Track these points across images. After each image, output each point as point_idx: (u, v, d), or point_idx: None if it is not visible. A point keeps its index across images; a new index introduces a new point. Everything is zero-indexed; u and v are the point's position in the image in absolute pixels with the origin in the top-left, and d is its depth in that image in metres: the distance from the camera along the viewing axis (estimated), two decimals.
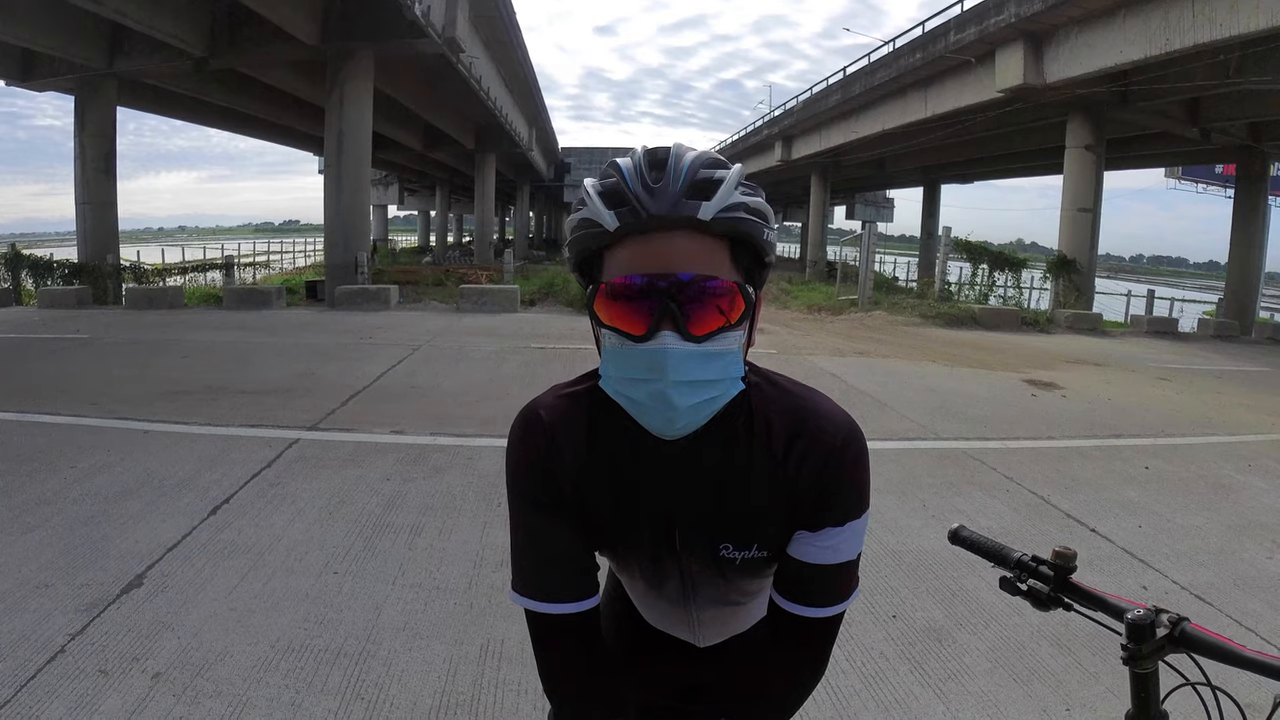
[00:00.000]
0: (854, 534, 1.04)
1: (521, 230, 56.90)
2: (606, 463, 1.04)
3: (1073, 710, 2.62)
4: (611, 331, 0.93)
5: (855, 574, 1.07)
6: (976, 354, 12.18)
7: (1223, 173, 31.79)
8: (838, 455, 1.01)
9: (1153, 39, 14.05)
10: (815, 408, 1.04)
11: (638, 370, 0.91)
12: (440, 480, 4.72)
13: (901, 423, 6.69)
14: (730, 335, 0.93)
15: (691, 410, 0.92)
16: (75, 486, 4.36)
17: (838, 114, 28.04)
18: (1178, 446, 6.47)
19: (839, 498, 1.02)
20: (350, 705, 2.48)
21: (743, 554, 1.06)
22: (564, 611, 1.05)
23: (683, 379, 0.90)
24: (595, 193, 0.92)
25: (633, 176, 0.90)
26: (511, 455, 1.07)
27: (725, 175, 0.90)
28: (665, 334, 0.89)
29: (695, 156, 0.92)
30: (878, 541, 4.03)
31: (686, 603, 1.20)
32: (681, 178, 0.89)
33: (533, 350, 9.94)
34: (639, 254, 0.90)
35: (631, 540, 1.09)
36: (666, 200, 0.88)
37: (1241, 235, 21.80)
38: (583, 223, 0.93)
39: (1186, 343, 16.83)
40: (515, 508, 1.07)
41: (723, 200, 0.89)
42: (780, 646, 1.08)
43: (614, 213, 0.89)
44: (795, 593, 1.05)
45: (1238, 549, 4.21)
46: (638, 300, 0.90)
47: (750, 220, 0.91)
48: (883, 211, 58.13)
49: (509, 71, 27.09)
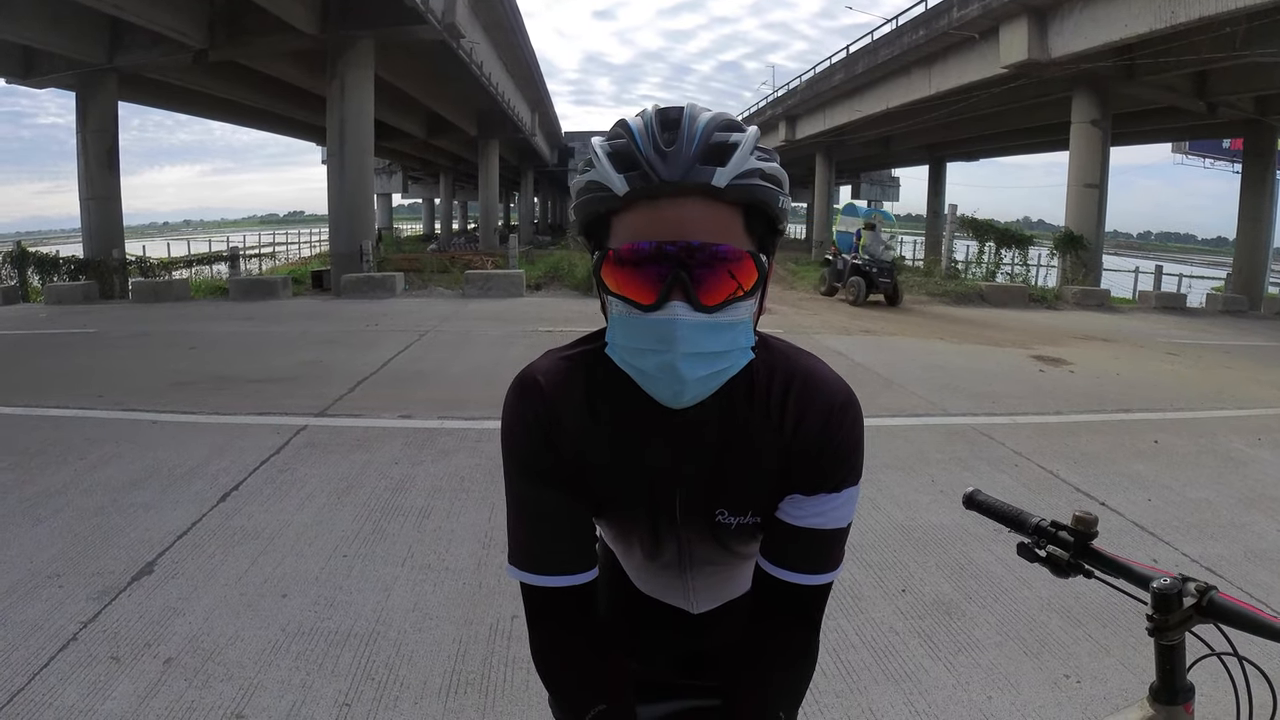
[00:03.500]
0: (847, 501, 1.01)
1: (526, 215, 56.82)
2: (607, 428, 1.01)
3: (1083, 682, 2.61)
4: (619, 300, 0.89)
5: (843, 545, 1.04)
6: (984, 331, 12.15)
7: (1230, 147, 31.47)
8: (836, 420, 0.98)
9: (1158, 12, 13.89)
10: (813, 372, 1.01)
11: (646, 340, 0.88)
12: (448, 463, 4.73)
13: (909, 399, 6.68)
14: (742, 305, 0.90)
15: (699, 382, 0.90)
16: (85, 477, 4.38)
17: (841, 93, 27.83)
18: (1186, 420, 6.44)
19: (836, 463, 0.99)
20: (361, 686, 2.49)
21: (738, 519, 1.04)
22: (563, 584, 1.01)
23: (692, 350, 0.87)
24: (604, 154, 0.88)
25: (644, 138, 0.86)
26: (508, 422, 1.03)
27: (741, 139, 0.87)
28: (675, 304, 0.86)
29: (711, 118, 0.88)
30: (886, 516, 4.02)
31: (682, 569, 1.17)
32: (696, 141, 0.85)
33: (539, 334, 9.94)
34: (649, 220, 0.86)
35: (631, 506, 1.07)
36: (679, 165, 0.84)
37: (1249, 210, 21.61)
38: (589, 185, 0.89)
39: (1195, 318, 16.75)
40: (512, 477, 1.03)
41: (738, 166, 0.85)
42: (770, 616, 1.05)
43: (623, 176, 0.85)
44: (786, 558, 1.02)
45: (1248, 521, 4.20)
46: (646, 267, 0.86)
47: (765, 187, 0.87)
48: (888, 190, 57.89)
49: (510, 57, 26.92)
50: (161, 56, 16.37)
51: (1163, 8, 13.78)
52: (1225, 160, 34.53)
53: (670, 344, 0.87)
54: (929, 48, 20.57)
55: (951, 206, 22.51)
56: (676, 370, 0.88)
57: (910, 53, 21.43)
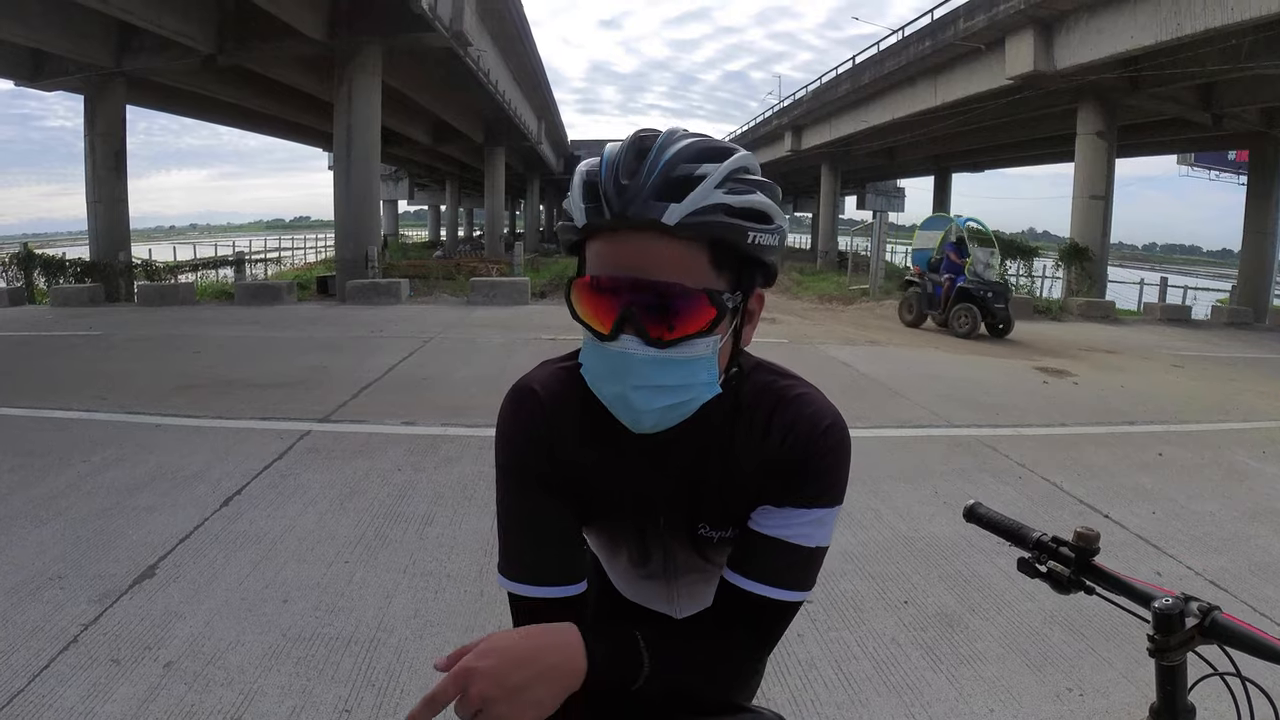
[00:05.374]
0: (818, 521, 0.99)
1: (532, 223, 56.87)
2: (597, 440, 1.01)
3: (1086, 695, 2.60)
4: (584, 326, 0.91)
5: (815, 569, 1.01)
6: (988, 342, 12.14)
7: (1235, 159, 31.38)
8: (819, 438, 0.98)
9: (1164, 24, 13.90)
10: (802, 396, 1.01)
11: (605, 370, 0.90)
12: (451, 470, 4.73)
13: (913, 410, 6.67)
14: (699, 342, 0.89)
15: (657, 413, 0.90)
16: (88, 480, 4.38)
17: (847, 103, 27.86)
18: (1191, 433, 6.42)
19: (811, 478, 0.98)
20: (361, 692, 2.49)
21: (719, 533, 1.05)
22: (555, 595, 1.00)
23: (643, 384, 0.87)
24: (580, 182, 0.89)
25: (609, 170, 0.86)
26: (504, 431, 1.03)
27: (710, 171, 0.84)
28: (626, 337, 0.87)
29: (680, 149, 0.86)
30: (889, 528, 4.02)
31: (668, 577, 1.18)
32: (655, 173, 0.84)
33: (543, 341, 9.93)
34: (610, 252, 0.87)
35: (618, 518, 1.08)
36: (632, 200, 0.83)
37: (1255, 222, 21.54)
38: (562, 212, 0.91)
39: (1200, 330, 16.72)
40: (505, 486, 1.03)
41: (695, 202, 0.83)
42: (721, 622, 1.01)
43: (584, 208, 0.86)
44: (747, 566, 0.99)
45: (1252, 535, 4.18)
46: (603, 297, 0.87)
47: (727, 223, 0.85)
48: (894, 201, 57.78)
49: (517, 64, 26.99)
50: (170, 61, 16.44)
51: (1168, 20, 13.79)
52: (1231, 172, 34.44)
53: (622, 376, 0.88)
54: (935, 59, 20.60)
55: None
56: (629, 401, 0.89)
57: (916, 64, 21.47)
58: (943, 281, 13.16)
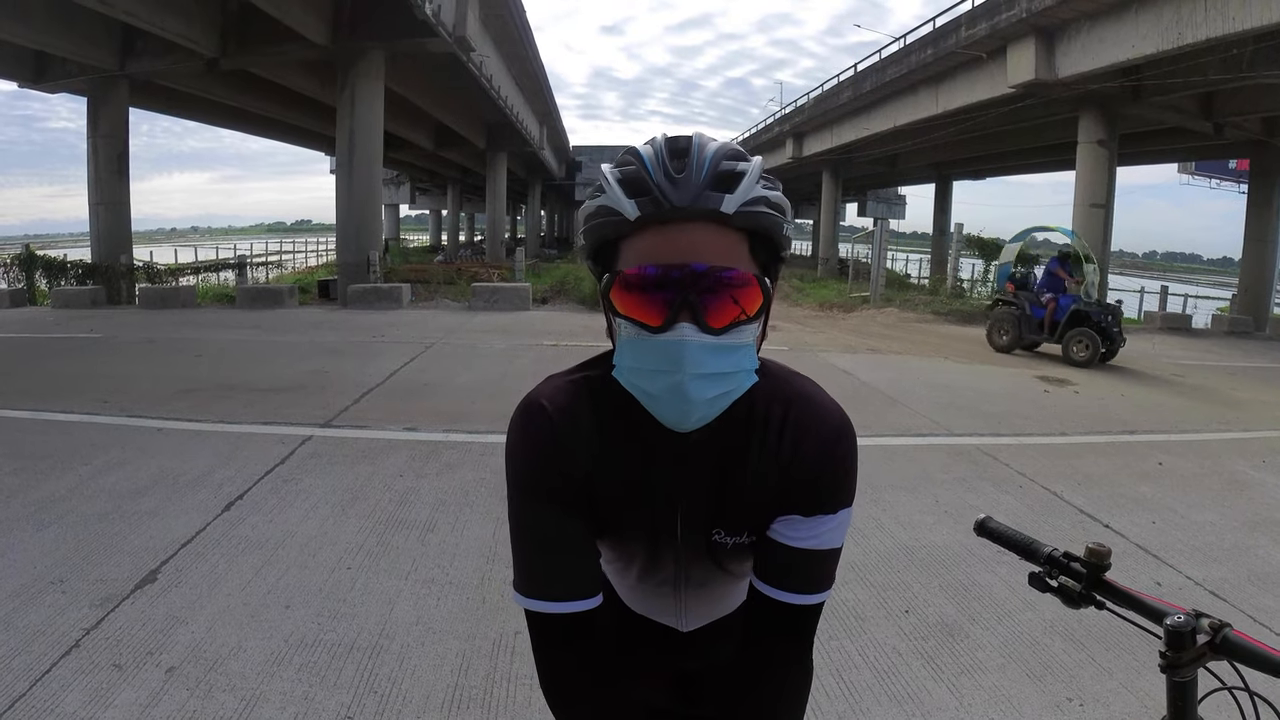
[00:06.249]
0: (842, 523, 1.03)
1: (533, 229, 56.93)
2: (612, 450, 1.02)
3: (1086, 705, 2.60)
4: (628, 322, 0.91)
5: (836, 565, 1.05)
6: (989, 351, 12.15)
7: (1236, 168, 31.43)
8: (832, 444, 1.01)
9: (1165, 33, 13.92)
10: (810, 397, 1.04)
11: (655, 362, 0.90)
12: (453, 476, 4.73)
13: (914, 419, 6.67)
14: (746, 329, 0.92)
15: (706, 404, 0.92)
16: (89, 484, 4.39)
17: (849, 111, 27.90)
18: (1191, 443, 6.43)
19: (833, 486, 1.01)
20: (363, 699, 2.49)
21: (733, 539, 1.06)
22: (572, 611, 1.01)
23: (700, 372, 0.89)
24: (614, 180, 0.91)
25: (654, 165, 0.89)
26: (514, 448, 1.03)
27: (748, 168, 0.90)
28: (683, 325, 0.88)
29: (718, 147, 0.91)
30: (890, 537, 4.02)
31: (677, 588, 1.19)
32: (705, 168, 0.88)
33: (545, 347, 9.95)
34: (657, 244, 0.89)
35: (633, 527, 1.08)
36: (689, 191, 0.87)
37: (1255, 231, 21.56)
38: (600, 210, 0.92)
39: (1200, 339, 16.73)
40: (518, 503, 1.03)
41: (745, 194, 0.88)
42: (765, 637, 1.05)
43: (634, 201, 0.88)
44: (784, 579, 1.03)
45: (1252, 545, 4.18)
46: (654, 291, 0.89)
47: (770, 215, 0.91)
48: (894, 208, 57.86)
49: (519, 70, 27.06)
50: (173, 64, 16.48)
51: (1170, 29, 13.82)
52: (1231, 181, 34.48)
53: (678, 365, 0.89)
54: (936, 67, 20.62)
55: (958, 225, 22.59)
56: (684, 391, 0.90)
57: (918, 71, 21.49)
58: (1044, 302, 11.91)
